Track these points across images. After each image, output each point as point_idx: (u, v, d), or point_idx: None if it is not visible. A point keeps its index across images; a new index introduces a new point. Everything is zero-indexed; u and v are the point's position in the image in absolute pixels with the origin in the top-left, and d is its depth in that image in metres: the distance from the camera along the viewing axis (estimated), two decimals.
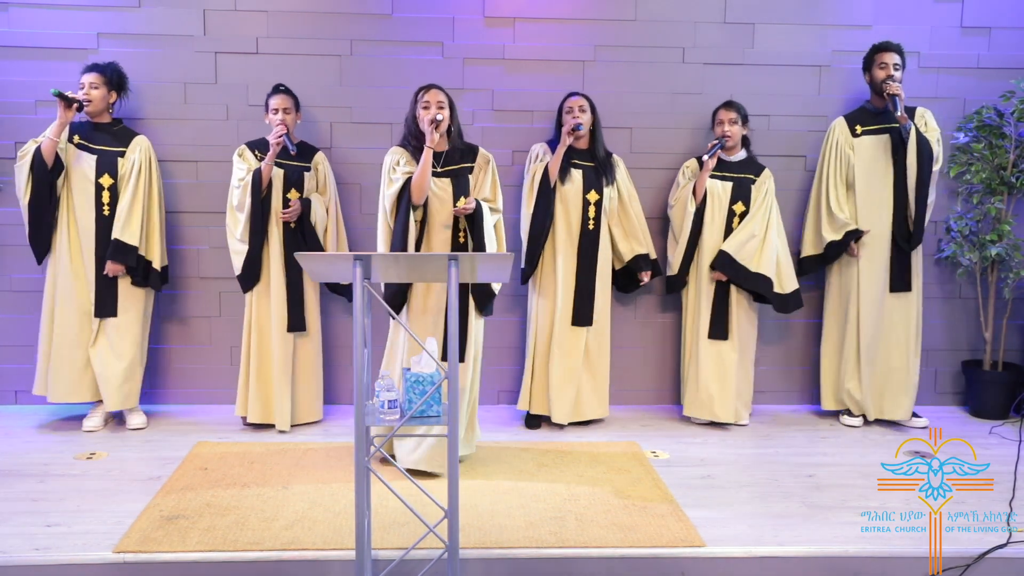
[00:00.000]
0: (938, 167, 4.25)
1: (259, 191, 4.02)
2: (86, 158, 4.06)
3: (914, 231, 4.24)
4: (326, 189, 4.24)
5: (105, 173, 4.06)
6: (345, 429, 4.21)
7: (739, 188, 4.29)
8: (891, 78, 4.17)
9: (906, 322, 4.33)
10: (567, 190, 4.16)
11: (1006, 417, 4.53)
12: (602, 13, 4.48)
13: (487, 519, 3.17)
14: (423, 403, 2.55)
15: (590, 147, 4.23)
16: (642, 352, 4.69)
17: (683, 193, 4.32)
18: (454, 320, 2.50)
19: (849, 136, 4.32)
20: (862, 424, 4.41)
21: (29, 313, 4.42)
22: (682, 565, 2.95)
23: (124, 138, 4.14)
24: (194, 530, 3.03)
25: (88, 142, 4.07)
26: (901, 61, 4.23)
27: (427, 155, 3.47)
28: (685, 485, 3.55)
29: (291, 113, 4.10)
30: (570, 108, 4.15)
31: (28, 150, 3.98)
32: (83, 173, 4.05)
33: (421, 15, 4.43)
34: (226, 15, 4.38)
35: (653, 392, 4.73)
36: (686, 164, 4.41)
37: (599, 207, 4.22)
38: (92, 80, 4.05)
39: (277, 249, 4.10)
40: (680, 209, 4.32)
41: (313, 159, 4.22)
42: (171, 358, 4.57)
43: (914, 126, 4.17)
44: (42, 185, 3.97)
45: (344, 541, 2.96)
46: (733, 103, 4.30)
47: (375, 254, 2.52)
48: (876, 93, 4.26)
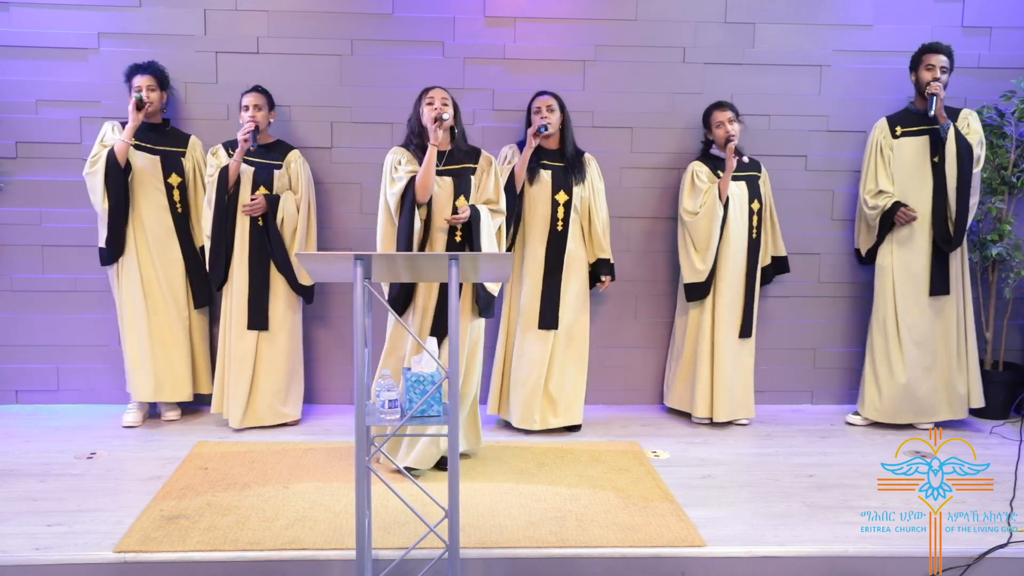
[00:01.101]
0: (979, 168, 4.19)
1: (225, 187, 4.05)
2: (150, 159, 4.12)
3: (954, 233, 4.19)
4: (297, 188, 4.21)
5: (172, 172, 4.16)
6: (344, 428, 4.21)
7: (752, 186, 4.31)
8: (937, 80, 4.12)
9: (946, 326, 4.27)
10: (535, 191, 4.12)
11: (1006, 417, 4.53)
12: (602, 13, 4.48)
13: (487, 519, 3.17)
14: (423, 403, 2.56)
15: (560, 147, 4.18)
16: (642, 352, 4.69)
17: (709, 199, 4.21)
18: (454, 320, 2.50)
19: (889, 137, 4.29)
20: (865, 424, 4.41)
21: (29, 313, 4.42)
22: (682, 565, 2.95)
23: (180, 138, 4.26)
24: (194, 530, 3.03)
25: (148, 143, 4.14)
26: (949, 64, 4.18)
27: (431, 153, 3.46)
28: (685, 485, 3.55)
29: (262, 110, 4.11)
30: (538, 108, 4.10)
31: (100, 156, 4.02)
32: (151, 174, 4.12)
33: (421, 15, 4.43)
34: (226, 15, 4.38)
35: (653, 392, 4.73)
36: (694, 169, 4.30)
37: (568, 207, 4.15)
38: (148, 83, 4.10)
39: (241, 245, 4.11)
40: (708, 215, 4.20)
41: (286, 157, 4.21)
42: None
43: (954, 127, 4.13)
44: (119, 187, 4.03)
45: (344, 541, 2.96)
46: (727, 103, 4.30)
47: (375, 254, 2.52)
48: (920, 94, 4.21)
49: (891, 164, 4.29)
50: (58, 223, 4.39)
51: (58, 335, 4.46)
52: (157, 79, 4.14)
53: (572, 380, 4.21)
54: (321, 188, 4.44)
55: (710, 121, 4.30)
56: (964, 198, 4.15)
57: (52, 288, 4.43)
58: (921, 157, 4.25)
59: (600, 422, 4.41)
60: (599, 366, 4.60)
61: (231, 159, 4.05)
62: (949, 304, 4.28)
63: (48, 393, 4.51)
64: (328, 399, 4.60)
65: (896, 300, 4.30)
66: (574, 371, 4.22)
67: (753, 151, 4.45)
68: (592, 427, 4.33)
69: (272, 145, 4.21)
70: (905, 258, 4.29)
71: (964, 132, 4.17)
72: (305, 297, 4.28)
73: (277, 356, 4.20)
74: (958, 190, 4.14)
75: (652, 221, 4.59)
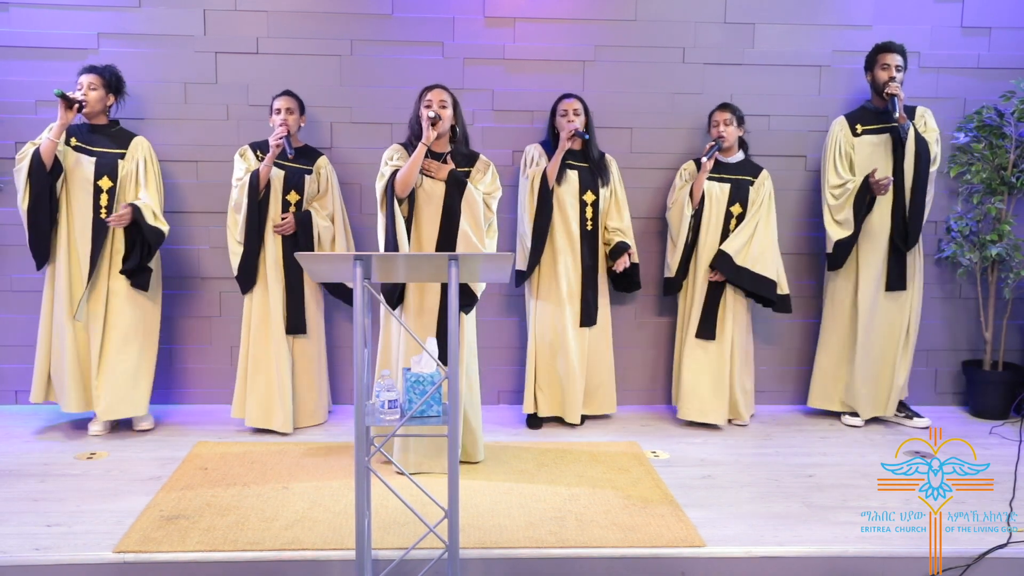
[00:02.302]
0: (936, 167, 4.24)
1: (256, 192, 4.01)
2: (85, 160, 4.00)
3: (910, 231, 4.24)
4: (327, 193, 4.20)
5: (104, 175, 4.01)
6: (345, 429, 4.21)
7: (737, 190, 4.28)
8: (893, 79, 4.17)
9: (900, 321, 4.32)
10: (563, 192, 4.15)
11: (1006, 417, 4.53)
12: (602, 13, 4.48)
13: (487, 519, 3.17)
14: (423, 403, 2.56)
15: (584, 148, 4.23)
16: (642, 353, 4.69)
17: (680, 195, 4.31)
18: (454, 320, 2.50)
19: (850, 135, 4.32)
20: (863, 424, 4.41)
21: (29, 313, 4.42)
22: (682, 565, 2.95)
23: (123, 139, 4.10)
24: (194, 530, 3.03)
25: (86, 144, 4.03)
26: (903, 62, 4.23)
27: (419, 150, 3.46)
28: (685, 485, 3.55)
29: (294, 115, 4.08)
30: (564, 111, 4.15)
31: (26, 153, 3.92)
32: (82, 175, 4.00)
33: (421, 15, 4.43)
34: (226, 15, 4.38)
35: (653, 392, 4.73)
36: (684, 167, 4.39)
37: (596, 208, 4.22)
38: (90, 81, 4.00)
39: (275, 251, 4.08)
40: (677, 212, 4.31)
41: (316, 163, 4.19)
42: (171, 358, 4.56)
43: (913, 127, 4.17)
44: (41, 188, 3.90)
45: (344, 541, 2.96)
46: (729, 104, 4.30)
47: (375, 254, 2.52)
48: (877, 93, 4.26)
49: (849, 162, 4.32)
50: None
51: None
52: (103, 79, 4.02)
53: (608, 370, 4.40)
54: None
55: (710, 121, 4.33)
56: (920, 197, 4.19)
57: None
58: (882, 155, 4.27)
59: (600, 422, 4.41)
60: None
61: (262, 163, 4.01)
62: (903, 300, 4.31)
63: None
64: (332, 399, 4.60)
65: (859, 297, 4.33)
66: (608, 362, 4.40)
67: (753, 151, 4.45)
68: (592, 427, 4.34)
69: (302, 150, 4.17)
70: (866, 255, 4.32)
71: (922, 130, 4.21)
72: (346, 300, 4.28)
73: (314, 357, 4.23)
74: (913, 190, 4.18)
75: (652, 221, 4.59)
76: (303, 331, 4.16)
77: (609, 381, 4.40)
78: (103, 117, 4.09)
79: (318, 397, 4.28)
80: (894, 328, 4.33)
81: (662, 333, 4.68)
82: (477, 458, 3.75)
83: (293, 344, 4.16)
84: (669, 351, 4.65)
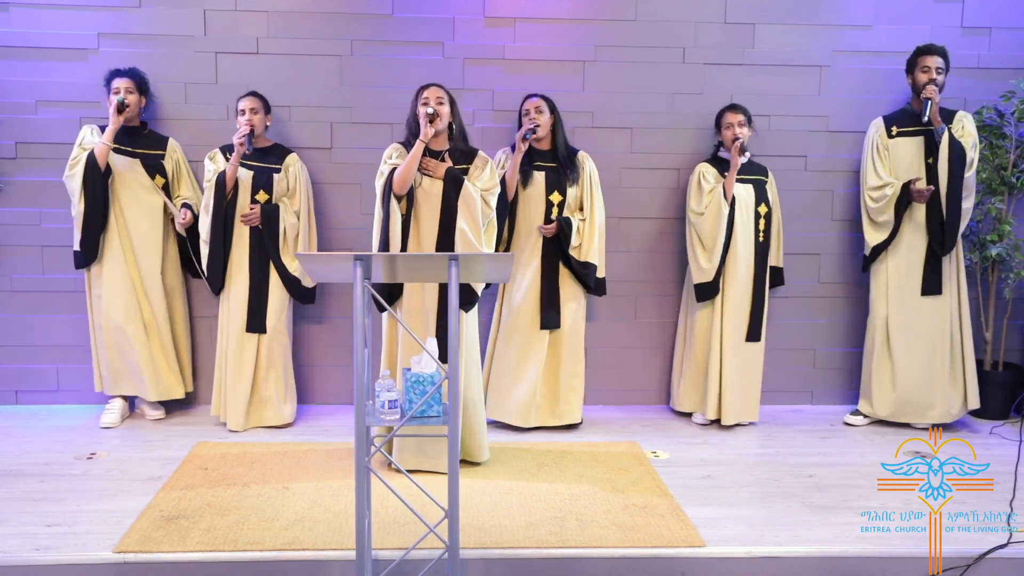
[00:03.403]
0: (972, 172, 4.19)
1: (223, 192, 4.04)
2: (131, 162, 4.13)
3: (946, 236, 4.20)
4: (296, 192, 4.21)
5: (156, 174, 4.18)
6: (344, 428, 4.21)
7: (759, 189, 4.30)
8: (932, 82, 4.14)
9: (938, 326, 4.28)
10: (529, 193, 4.12)
11: (1006, 417, 4.53)
12: (602, 13, 4.48)
13: (487, 519, 3.17)
14: (423, 403, 2.56)
15: (551, 147, 4.19)
16: (641, 352, 4.69)
17: (713, 198, 4.21)
18: (454, 320, 2.50)
19: (885, 137, 4.30)
20: (865, 424, 4.41)
21: (29, 313, 4.42)
22: (682, 565, 2.95)
23: (158, 140, 4.26)
24: (194, 530, 3.03)
25: (127, 146, 4.14)
26: (945, 65, 4.20)
27: (417, 147, 3.46)
28: (685, 485, 3.55)
29: (258, 114, 4.11)
30: (527, 111, 4.12)
31: (79, 159, 4.02)
32: (132, 177, 4.13)
33: (421, 15, 4.43)
34: (226, 15, 4.38)
35: (653, 392, 4.73)
36: (701, 170, 4.30)
37: (562, 208, 4.16)
38: (127, 85, 4.10)
39: (240, 249, 4.11)
40: (713, 214, 4.21)
41: (284, 161, 4.21)
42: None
43: (947, 130, 4.14)
44: (97, 191, 4.04)
45: (344, 541, 2.96)
46: (739, 105, 4.30)
47: (375, 254, 2.52)
48: (916, 95, 4.23)
49: (888, 161, 4.30)
50: (58, 223, 4.38)
51: (58, 335, 4.46)
52: (136, 82, 4.13)
53: (574, 377, 4.24)
54: (321, 189, 4.44)
55: (721, 122, 4.31)
56: (955, 201, 4.16)
57: (52, 288, 4.43)
58: (916, 158, 4.26)
59: (600, 422, 4.41)
60: (599, 366, 4.60)
61: (228, 163, 4.05)
62: (942, 305, 4.29)
63: (48, 393, 4.51)
64: (327, 399, 4.60)
65: (889, 301, 4.32)
66: (575, 369, 4.24)
67: (753, 151, 4.44)
68: (592, 427, 4.33)
69: (270, 149, 4.20)
70: (899, 259, 4.30)
71: (959, 135, 4.18)
72: (308, 300, 4.28)
73: (275, 358, 4.20)
74: (948, 194, 4.15)
75: (652, 221, 4.59)
76: (263, 330, 4.15)
77: (575, 388, 4.24)
78: (136, 120, 4.21)
79: (282, 397, 4.24)
80: (935, 334, 4.26)
81: (662, 333, 4.68)
82: (481, 458, 3.74)
83: (258, 343, 4.16)
84: (669, 351, 4.64)
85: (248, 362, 4.13)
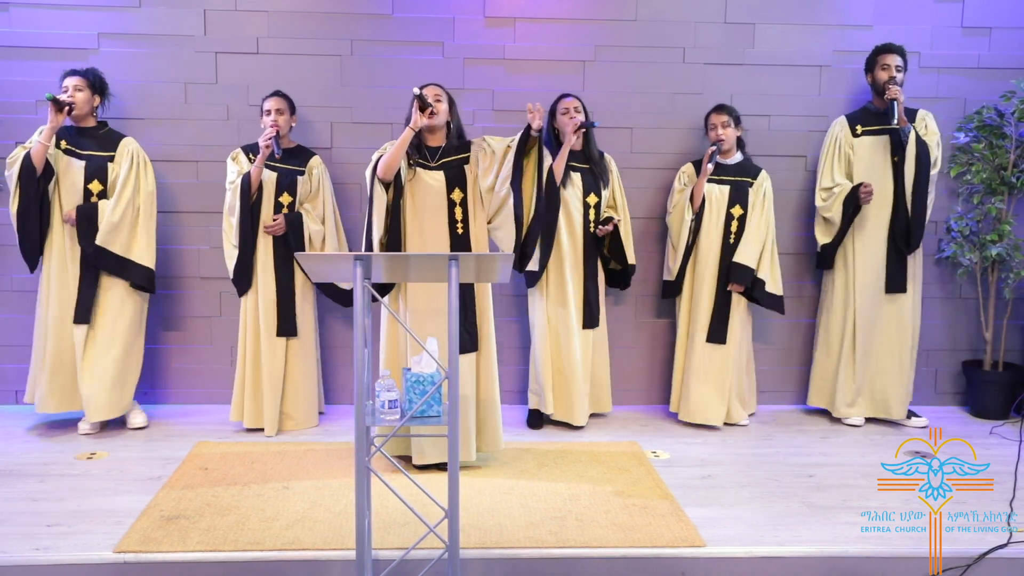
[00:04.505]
0: (936, 170, 4.24)
1: (248, 194, 3.99)
2: (75, 164, 4.00)
3: (912, 234, 4.23)
4: (318, 195, 4.19)
5: (95, 179, 4.02)
6: (344, 428, 4.21)
7: (736, 191, 4.28)
8: (893, 80, 4.17)
9: (900, 323, 4.32)
10: (567, 194, 4.15)
11: (1006, 417, 4.53)
12: (602, 13, 4.48)
13: (487, 519, 3.17)
14: (423, 403, 2.56)
15: (584, 149, 4.22)
16: (641, 353, 4.69)
17: (680, 199, 4.31)
18: (454, 320, 2.50)
19: (849, 136, 4.32)
20: (863, 424, 4.41)
21: (29, 313, 4.42)
22: (682, 565, 2.95)
23: (111, 142, 4.09)
24: (194, 530, 3.03)
25: (75, 147, 4.02)
26: (903, 63, 4.23)
27: (406, 134, 3.46)
28: (685, 485, 3.55)
29: (284, 115, 4.08)
30: (566, 109, 4.14)
31: (17, 156, 3.91)
32: (72, 179, 4.00)
33: (421, 15, 4.43)
34: (226, 15, 4.38)
35: (653, 392, 4.73)
36: (683, 170, 4.38)
37: (598, 210, 4.22)
38: (75, 83, 3.98)
39: (266, 253, 4.08)
40: (678, 215, 4.30)
41: (308, 163, 4.19)
42: (171, 358, 4.57)
43: (914, 130, 4.17)
44: (31, 192, 3.89)
45: (344, 541, 2.96)
46: (725, 106, 4.30)
47: (375, 254, 2.52)
48: (878, 94, 4.26)
49: (848, 163, 4.32)
50: None
51: None
52: (88, 81, 4.01)
53: (606, 371, 4.42)
54: None
55: (707, 123, 4.32)
56: (921, 200, 4.19)
57: None
58: (881, 156, 4.28)
59: (600, 422, 4.42)
60: None
61: (252, 165, 4.00)
62: (904, 302, 4.30)
63: None
64: (327, 399, 4.59)
65: (856, 297, 4.33)
66: (606, 363, 4.43)
67: (753, 151, 4.45)
68: (592, 427, 4.33)
69: (293, 151, 4.18)
70: (864, 255, 4.32)
71: (923, 134, 4.21)
72: (348, 303, 4.26)
73: (306, 361, 4.21)
74: (914, 193, 4.18)
75: (652, 221, 4.60)
76: (294, 333, 4.14)
77: (606, 381, 4.43)
78: (91, 119, 4.08)
79: (309, 400, 4.25)
80: (896, 330, 4.32)
81: (662, 334, 4.68)
82: (498, 448, 3.72)
83: (286, 346, 4.15)
84: (669, 351, 4.65)
85: (277, 366, 4.11)
